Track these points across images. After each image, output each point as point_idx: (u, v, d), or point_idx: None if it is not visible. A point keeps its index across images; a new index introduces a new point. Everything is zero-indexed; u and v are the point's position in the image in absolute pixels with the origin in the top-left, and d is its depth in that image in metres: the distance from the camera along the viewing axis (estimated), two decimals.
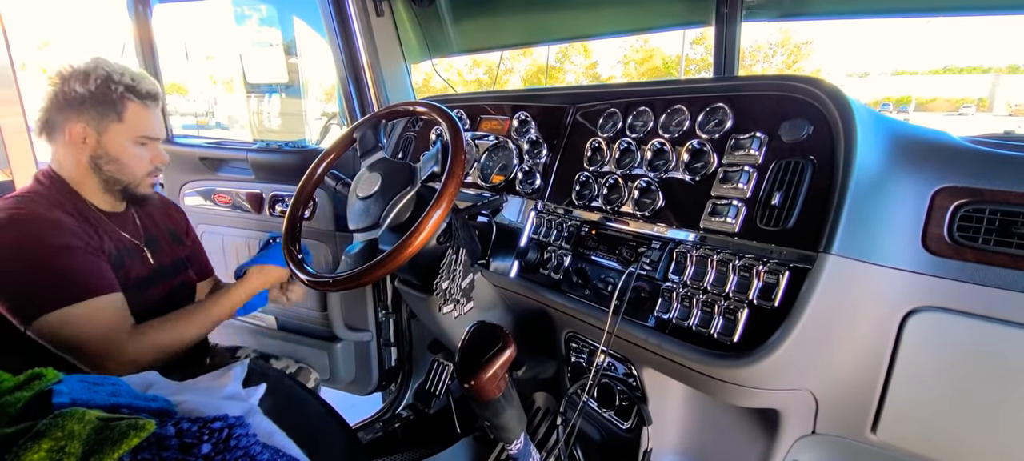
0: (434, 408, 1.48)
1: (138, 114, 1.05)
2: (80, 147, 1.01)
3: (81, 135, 1.01)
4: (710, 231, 0.82)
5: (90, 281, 0.93)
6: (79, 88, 0.99)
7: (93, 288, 0.93)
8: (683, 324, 0.80)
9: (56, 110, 1.01)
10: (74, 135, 1.00)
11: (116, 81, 1.01)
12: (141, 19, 1.87)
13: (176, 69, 2.18)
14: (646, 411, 0.99)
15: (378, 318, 1.75)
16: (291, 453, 0.63)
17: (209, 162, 1.89)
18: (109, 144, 1.03)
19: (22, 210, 0.94)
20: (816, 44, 12.96)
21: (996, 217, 0.68)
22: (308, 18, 2.04)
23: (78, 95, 0.99)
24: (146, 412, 0.52)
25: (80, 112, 1.00)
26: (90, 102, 1.00)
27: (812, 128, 0.76)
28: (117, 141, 1.03)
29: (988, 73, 12.15)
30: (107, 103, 1.01)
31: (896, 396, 0.76)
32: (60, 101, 1.00)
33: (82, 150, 1.02)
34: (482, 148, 1.23)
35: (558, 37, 2.07)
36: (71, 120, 1.00)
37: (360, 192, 0.97)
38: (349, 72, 1.67)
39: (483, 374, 0.74)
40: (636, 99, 1.01)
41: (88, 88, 1.00)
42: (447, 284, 0.97)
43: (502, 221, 1.15)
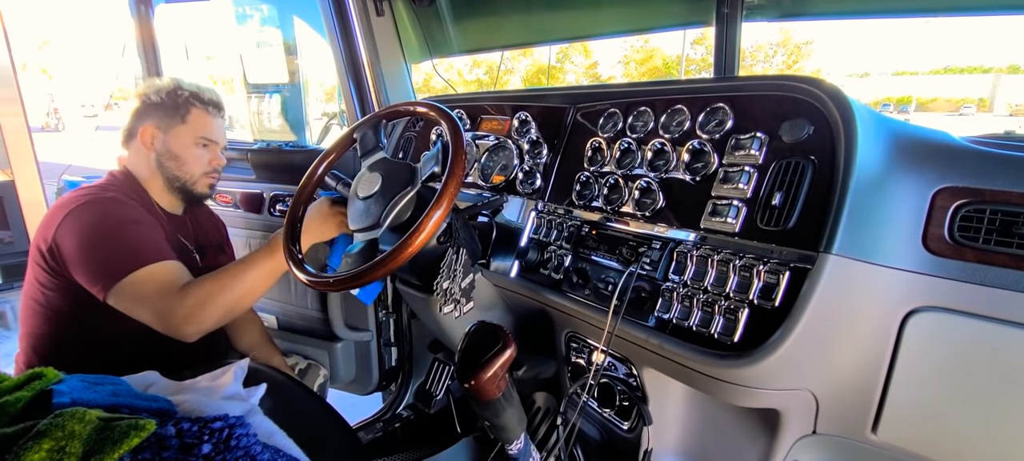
0: (434, 408, 1.48)
1: (200, 118, 1.20)
2: (149, 147, 1.17)
3: (150, 136, 1.16)
4: (710, 231, 0.82)
5: (149, 249, 1.03)
6: (153, 97, 1.17)
7: (151, 256, 1.01)
8: (683, 324, 0.80)
9: (136, 119, 1.17)
10: (145, 136, 1.16)
11: (184, 88, 1.19)
12: (143, 19, 1.87)
13: (177, 69, 2.18)
14: (646, 411, 0.99)
15: (378, 318, 1.75)
16: (291, 453, 0.63)
17: None
18: (172, 143, 1.18)
19: (97, 195, 1.07)
20: (817, 44, 12.96)
21: (997, 217, 0.68)
22: (308, 18, 2.04)
23: (152, 103, 1.17)
24: (147, 412, 0.52)
25: (152, 116, 1.17)
26: (160, 108, 1.17)
27: (812, 128, 0.76)
28: (180, 141, 1.18)
29: (989, 73, 12.14)
30: (174, 107, 1.18)
31: (896, 396, 0.76)
32: (140, 111, 1.17)
33: (150, 150, 1.17)
34: (482, 148, 1.23)
35: (558, 37, 2.06)
36: (145, 123, 1.17)
37: (360, 192, 0.97)
38: (349, 72, 1.67)
39: (483, 374, 0.74)
40: (636, 99, 1.01)
41: (161, 96, 1.17)
42: (447, 284, 0.97)
43: (502, 221, 1.15)
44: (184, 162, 1.19)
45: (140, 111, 1.17)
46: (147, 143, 1.16)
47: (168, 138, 1.17)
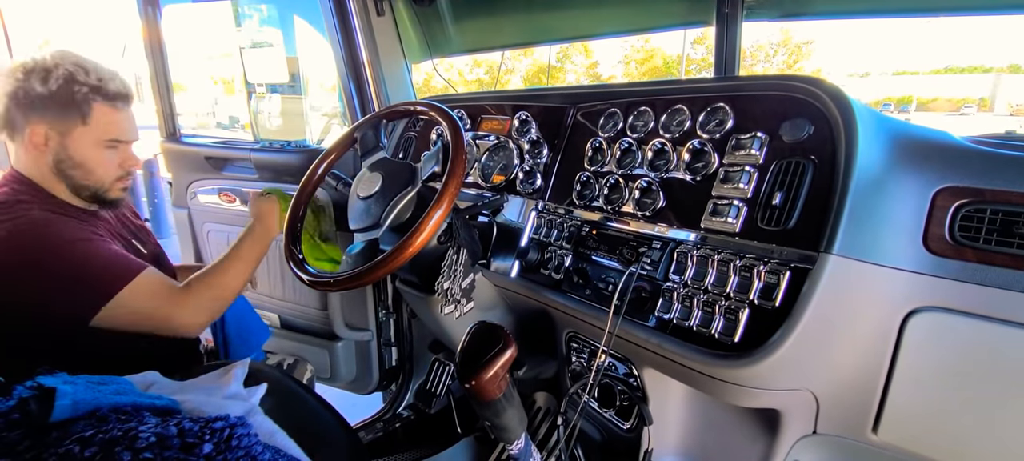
0: (435, 408, 1.48)
1: (106, 116, 0.98)
2: (42, 150, 0.95)
3: (42, 137, 0.94)
4: (711, 231, 0.82)
5: (119, 265, 0.93)
6: (39, 87, 0.91)
7: (125, 271, 0.93)
8: (684, 324, 0.80)
9: (16, 107, 0.93)
10: (35, 136, 0.93)
11: (80, 81, 0.94)
12: (151, 20, 1.88)
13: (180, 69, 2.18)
14: (647, 411, 0.99)
15: (379, 318, 1.75)
16: (292, 453, 0.64)
17: (214, 161, 1.90)
18: (72, 147, 0.96)
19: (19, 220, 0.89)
20: (817, 44, 12.94)
21: (997, 217, 0.68)
22: (309, 18, 2.04)
23: (38, 94, 0.92)
24: (150, 410, 0.52)
25: (41, 113, 0.93)
26: (51, 103, 0.93)
27: (813, 128, 0.76)
28: (81, 145, 0.96)
29: (989, 73, 12.13)
30: (70, 105, 0.94)
31: (897, 396, 0.76)
32: (20, 98, 0.92)
33: (44, 153, 0.95)
34: (483, 148, 1.23)
35: (559, 37, 2.07)
36: (32, 120, 0.93)
37: (361, 192, 0.98)
38: (350, 72, 1.67)
39: (484, 374, 0.74)
40: (637, 99, 1.01)
41: (49, 87, 0.92)
42: (448, 284, 0.97)
43: (503, 221, 1.15)
44: (90, 170, 0.98)
45: (22, 99, 0.92)
46: (38, 145, 0.94)
47: (66, 141, 0.95)
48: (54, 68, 0.93)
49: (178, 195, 2.00)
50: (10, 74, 0.93)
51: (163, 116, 2.00)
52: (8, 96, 0.93)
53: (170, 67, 1.97)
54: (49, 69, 0.92)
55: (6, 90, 0.93)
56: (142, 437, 0.44)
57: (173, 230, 2.13)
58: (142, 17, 1.87)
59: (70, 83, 0.93)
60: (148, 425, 0.47)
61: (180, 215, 2.03)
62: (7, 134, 0.97)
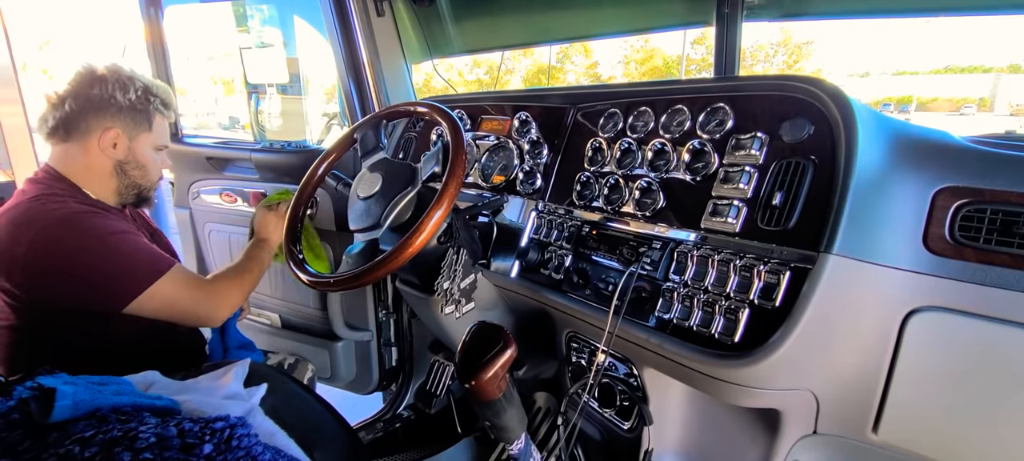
0: (435, 408, 1.48)
1: (161, 124, 1.13)
2: (110, 151, 1.04)
3: (113, 140, 1.04)
4: (711, 231, 0.82)
5: (153, 258, 1.01)
6: (120, 96, 1.03)
7: (160, 265, 1.01)
8: (684, 324, 0.80)
9: (92, 111, 1.02)
10: (106, 140, 1.03)
11: (154, 94, 1.08)
12: (153, 21, 1.88)
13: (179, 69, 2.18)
14: (647, 411, 0.99)
15: (379, 318, 1.75)
16: (292, 453, 0.63)
17: (215, 161, 1.90)
18: (138, 151, 1.08)
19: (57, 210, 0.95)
20: (817, 44, 12.92)
21: (997, 217, 0.68)
22: (309, 18, 2.04)
23: (117, 102, 1.03)
24: (150, 411, 0.52)
25: (116, 118, 1.04)
26: (128, 111, 1.05)
27: (813, 128, 0.76)
28: (145, 149, 1.10)
29: (989, 73, 12.11)
30: (143, 113, 1.07)
31: (897, 396, 0.76)
32: (96, 104, 1.02)
33: (111, 154, 1.05)
34: (483, 148, 1.23)
35: (559, 37, 2.06)
36: (106, 124, 1.03)
37: (361, 192, 0.98)
38: (350, 72, 1.67)
39: (484, 374, 0.74)
40: (637, 99, 1.01)
41: (129, 97, 1.04)
42: (448, 284, 0.97)
43: (503, 221, 1.15)
44: (148, 171, 1.11)
45: (99, 104, 1.02)
46: (107, 147, 1.03)
47: (134, 145, 1.07)
48: (130, 81, 1.05)
49: (180, 195, 2.00)
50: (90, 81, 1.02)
51: None
52: (86, 100, 1.02)
53: (172, 68, 1.97)
54: (126, 82, 1.04)
55: (86, 94, 1.02)
56: (142, 437, 0.44)
57: (174, 230, 2.13)
58: (144, 18, 1.87)
59: (147, 95, 1.07)
60: (148, 425, 0.46)
61: (181, 215, 2.03)
62: (61, 136, 1.03)
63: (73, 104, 1.01)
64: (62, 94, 1.01)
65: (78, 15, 22.62)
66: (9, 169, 3.00)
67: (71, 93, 1.01)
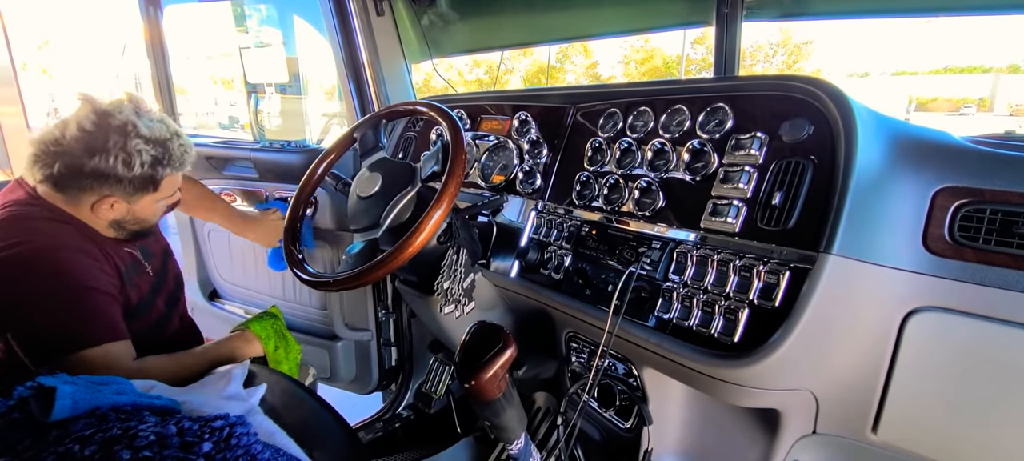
0: (434, 408, 1.48)
1: (171, 182, 1.03)
2: (107, 214, 0.97)
3: (110, 204, 0.96)
4: (711, 231, 0.82)
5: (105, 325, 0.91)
6: (122, 170, 0.92)
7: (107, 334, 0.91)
8: (684, 324, 0.80)
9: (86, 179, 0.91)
10: (103, 205, 0.95)
11: (164, 164, 0.97)
12: (152, 20, 1.88)
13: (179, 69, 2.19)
14: (646, 411, 0.99)
15: (378, 318, 1.75)
16: (291, 452, 0.63)
17: (214, 161, 1.90)
18: (138, 211, 1.01)
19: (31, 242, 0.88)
20: (817, 44, 12.92)
21: (997, 217, 0.68)
22: (309, 18, 2.04)
23: (118, 176, 0.92)
24: (149, 410, 0.52)
25: (115, 189, 0.94)
26: (133, 181, 0.95)
27: (813, 128, 0.76)
28: (146, 206, 1.02)
29: (989, 73, 12.11)
30: (148, 182, 0.97)
31: (897, 396, 0.76)
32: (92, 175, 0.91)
33: (107, 214, 0.97)
34: (482, 148, 1.23)
35: (558, 37, 2.07)
36: (103, 193, 0.94)
37: (361, 192, 0.98)
38: (350, 72, 1.67)
39: (484, 374, 0.74)
40: (636, 99, 1.01)
41: (132, 172, 0.93)
42: (448, 284, 0.97)
43: (503, 221, 1.15)
44: (146, 221, 1.05)
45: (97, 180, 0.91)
46: (103, 212, 0.96)
47: (134, 207, 0.99)
48: (137, 154, 0.93)
49: None
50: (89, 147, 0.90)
51: None
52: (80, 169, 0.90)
53: (172, 67, 1.97)
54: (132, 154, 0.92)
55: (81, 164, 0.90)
56: (141, 436, 0.44)
57: (174, 230, 2.13)
58: (144, 17, 1.87)
59: (154, 166, 0.96)
60: (147, 424, 0.47)
61: (181, 216, 2.03)
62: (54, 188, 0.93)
63: (65, 167, 0.89)
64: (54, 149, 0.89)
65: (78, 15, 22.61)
66: (8, 169, 3.00)
67: (66, 153, 0.89)
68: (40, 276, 0.87)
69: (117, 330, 0.94)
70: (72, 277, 0.89)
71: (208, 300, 2.07)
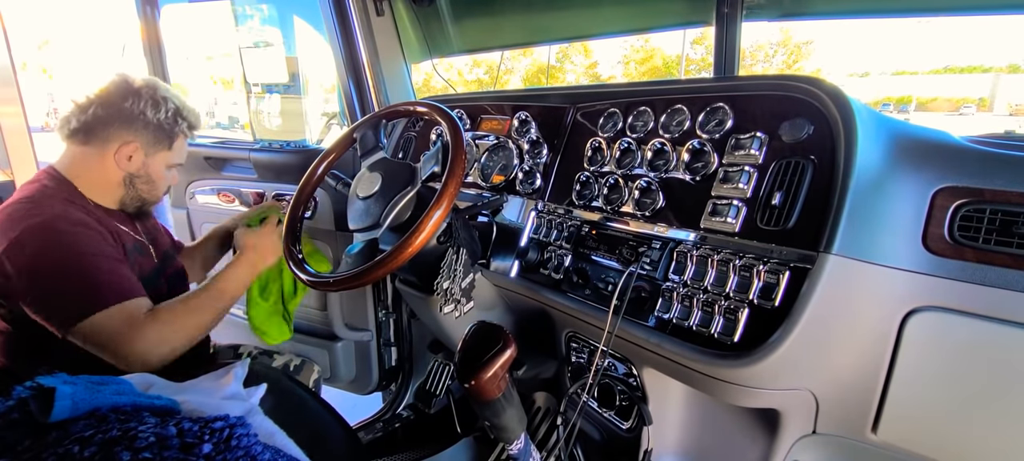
0: (434, 408, 1.48)
1: (182, 145, 1.12)
2: (124, 163, 1.03)
3: (129, 153, 1.02)
4: (710, 231, 0.82)
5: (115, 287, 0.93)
6: (150, 113, 1.02)
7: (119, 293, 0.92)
8: (683, 324, 0.80)
9: (119, 121, 1.00)
10: (123, 153, 1.01)
11: (184, 117, 1.08)
12: (149, 20, 1.88)
13: (178, 69, 2.18)
14: (646, 411, 0.99)
15: (378, 318, 1.75)
16: (291, 453, 0.63)
17: (214, 161, 1.90)
18: (152, 166, 1.07)
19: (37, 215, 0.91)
20: (817, 44, 12.94)
21: (997, 217, 0.68)
22: (308, 18, 2.04)
23: (146, 118, 1.02)
24: (149, 410, 0.52)
25: (140, 133, 1.02)
26: (154, 128, 1.03)
27: (812, 128, 0.76)
28: (159, 165, 1.08)
29: (989, 73, 12.12)
30: (168, 133, 1.06)
31: (897, 396, 0.76)
32: (125, 115, 1.00)
33: (125, 166, 1.03)
34: (482, 148, 1.23)
35: (558, 37, 2.07)
36: (127, 137, 1.01)
37: (360, 192, 0.98)
38: (349, 72, 1.67)
39: (483, 374, 0.74)
40: (636, 99, 1.01)
41: (158, 117, 1.03)
42: (448, 284, 0.97)
43: (502, 221, 1.15)
44: (157, 186, 1.10)
45: (126, 117, 1.00)
46: (121, 160, 1.01)
47: (149, 161, 1.05)
48: (164, 101, 1.04)
49: (177, 195, 2.00)
50: (124, 93, 1.01)
51: None
52: (116, 109, 1.00)
53: (169, 67, 1.97)
54: (159, 101, 1.04)
55: (117, 105, 1.00)
56: (141, 437, 0.44)
57: (172, 230, 2.12)
58: (140, 17, 1.87)
59: (176, 116, 1.07)
60: (147, 425, 0.46)
61: (179, 215, 2.03)
62: (81, 138, 1.01)
63: (100, 110, 0.99)
64: (91, 98, 1.00)
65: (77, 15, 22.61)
66: (8, 169, 3.00)
67: (100, 100, 1.00)
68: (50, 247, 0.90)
69: (131, 288, 0.95)
70: (83, 249, 0.92)
71: None
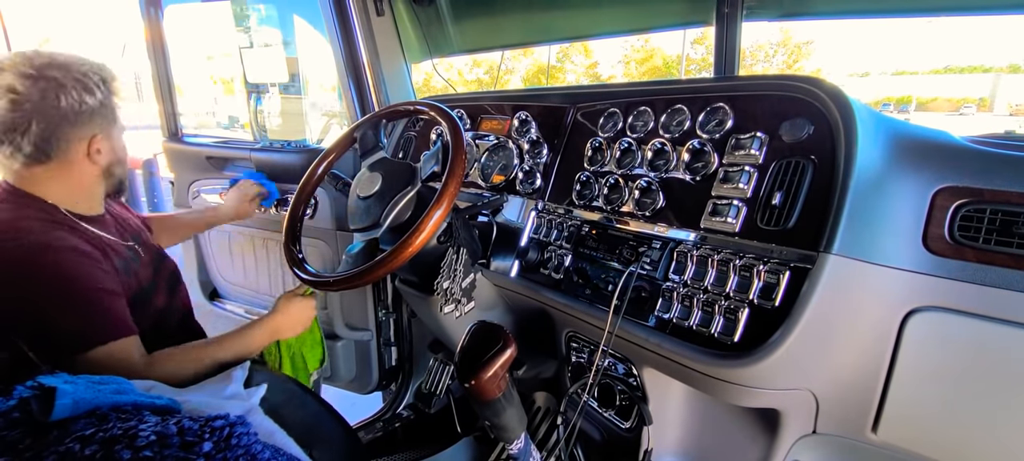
0: (434, 408, 1.48)
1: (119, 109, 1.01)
2: (97, 158, 0.95)
3: (98, 147, 0.94)
4: (710, 231, 0.82)
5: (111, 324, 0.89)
6: (89, 99, 0.91)
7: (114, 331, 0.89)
8: (684, 324, 0.80)
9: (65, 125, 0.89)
10: (92, 148, 0.94)
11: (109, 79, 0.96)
12: (153, 20, 1.88)
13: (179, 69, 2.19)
14: (646, 411, 0.99)
15: (378, 317, 1.75)
16: (291, 452, 0.64)
17: (215, 161, 1.90)
18: (118, 146, 1.00)
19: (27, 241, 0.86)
20: (817, 44, 12.95)
21: (997, 217, 0.68)
22: (309, 18, 2.04)
23: (88, 108, 0.91)
24: (150, 409, 0.52)
25: (95, 122, 0.93)
26: (100, 113, 0.94)
27: (813, 128, 0.76)
28: (121, 139, 1.02)
29: (989, 73, 12.12)
30: (111, 106, 0.97)
31: (897, 396, 0.76)
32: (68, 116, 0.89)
33: (98, 160, 0.96)
34: (482, 148, 1.23)
35: (558, 37, 2.07)
36: (87, 133, 0.92)
37: (361, 192, 0.98)
38: (350, 72, 1.67)
39: (484, 374, 0.74)
40: (637, 99, 1.01)
41: (97, 97, 0.92)
42: (448, 284, 0.97)
43: (502, 221, 1.15)
44: (124, 160, 1.03)
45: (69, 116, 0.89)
46: (92, 156, 0.94)
47: (115, 144, 0.99)
48: (86, 77, 0.91)
49: (180, 195, 2.00)
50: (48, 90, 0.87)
51: (165, 116, 2.00)
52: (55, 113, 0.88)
53: (172, 67, 1.97)
54: (86, 81, 0.91)
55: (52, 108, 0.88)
56: (142, 435, 0.44)
57: None
58: (144, 17, 1.87)
59: (107, 85, 0.95)
60: (148, 424, 0.47)
61: None
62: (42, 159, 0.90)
63: (41, 123, 0.87)
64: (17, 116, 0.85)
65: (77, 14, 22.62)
66: None
67: (31, 112, 0.86)
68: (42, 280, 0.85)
69: (123, 327, 0.91)
70: (76, 280, 0.88)
71: (209, 300, 2.07)
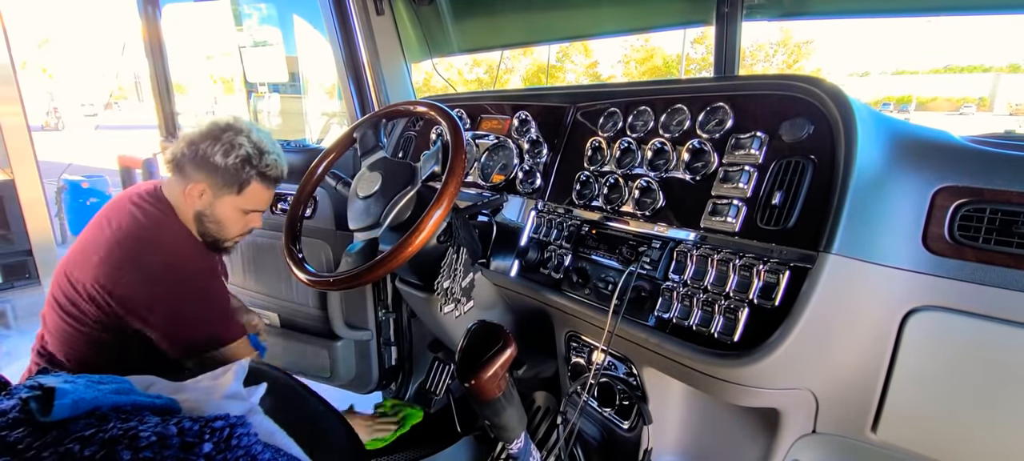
0: (434, 407, 1.48)
1: (257, 192, 1.15)
2: (194, 200, 1.11)
3: (199, 193, 1.11)
4: (710, 230, 0.82)
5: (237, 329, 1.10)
6: (219, 158, 1.08)
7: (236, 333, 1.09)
8: (683, 323, 0.80)
9: (192, 161, 1.09)
10: (193, 191, 1.10)
11: (253, 164, 1.11)
12: (150, 19, 1.88)
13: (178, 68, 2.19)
14: (646, 410, 0.99)
15: (378, 317, 1.75)
16: (291, 452, 0.64)
17: None
18: (218, 208, 1.13)
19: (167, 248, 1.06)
20: (817, 44, 12.95)
21: (997, 217, 0.68)
22: (309, 18, 2.04)
23: (214, 163, 1.08)
24: (150, 409, 0.52)
25: (209, 176, 1.10)
26: (222, 173, 1.09)
27: (813, 127, 0.76)
28: (226, 208, 1.14)
29: (989, 72, 12.12)
30: (235, 179, 1.11)
31: (896, 396, 0.76)
32: (198, 158, 1.08)
33: (195, 202, 1.12)
34: (482, 147, 1.23)
35: (558, 36, 2.06)
36: (197, 178, 1.10)
37: (360, 191, 0.98)
38: (350, 71, 1.67)
39: (483, 373, 0.74)
40: (636, 98, 1.01)
41: (226, 161, 1.08)
42: (448, 283, 0.97)
43: (502, 220, 1.15)
44: (224, 227, 1.16)
45: (198, 159, 1.08)
46: (192, 197, 1.11)
47: (216, 203, 1.12)
48: (237, 147, 1.09)
49: None
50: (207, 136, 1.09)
51: (163, 115, 2.01)
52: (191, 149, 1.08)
53: (170, 67, 1.97)
54: (230, 146, 1.09)
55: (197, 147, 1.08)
56: (142, 436, 0.44)
57: None
58: (142, 16, 1.87)
59: (245, 164, 1.10)
60: (148, 424, 0.46)
61: None
62: (174, 169, 1.12)
63: (186, 148, 1.09)
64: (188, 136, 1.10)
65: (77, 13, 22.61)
66: (8, 168, 2.99)
67: (190, 138, 1.09)
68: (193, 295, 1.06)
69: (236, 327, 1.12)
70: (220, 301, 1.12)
71: None
